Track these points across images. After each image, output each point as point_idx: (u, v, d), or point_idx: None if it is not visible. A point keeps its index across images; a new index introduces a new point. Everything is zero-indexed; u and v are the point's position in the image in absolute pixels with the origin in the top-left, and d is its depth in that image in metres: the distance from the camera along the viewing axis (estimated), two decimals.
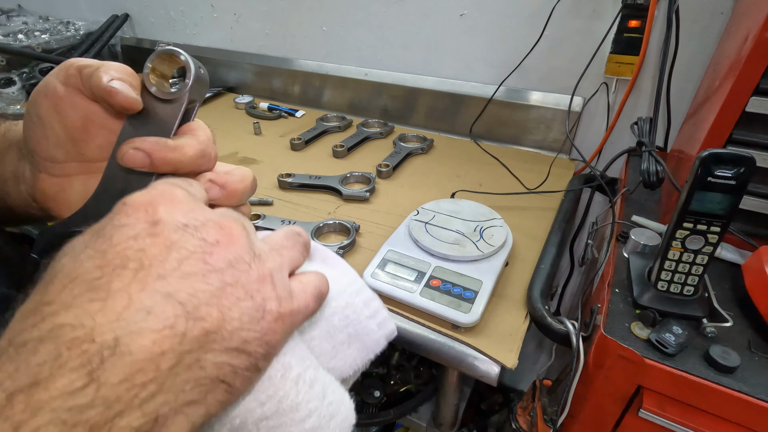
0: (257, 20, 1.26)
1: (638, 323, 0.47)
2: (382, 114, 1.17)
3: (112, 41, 1.48)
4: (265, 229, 0.72)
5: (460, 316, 0.54)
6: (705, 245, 0.44)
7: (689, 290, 0.47)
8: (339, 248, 0.66)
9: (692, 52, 0.79)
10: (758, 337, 0.45)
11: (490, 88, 0.99)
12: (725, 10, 0.74)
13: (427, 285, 0.58)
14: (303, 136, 1.02)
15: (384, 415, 0.80)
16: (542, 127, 0.98)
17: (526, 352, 1.29)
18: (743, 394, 0.40)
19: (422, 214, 0.69)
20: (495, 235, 0.64)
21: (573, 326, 0.51)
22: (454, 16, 0.99)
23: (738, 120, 0.50)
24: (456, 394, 0.74)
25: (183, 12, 1.38)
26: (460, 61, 1.04)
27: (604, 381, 0.47)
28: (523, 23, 0.92)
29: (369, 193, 0.82)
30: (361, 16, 1.10)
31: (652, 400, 0.44)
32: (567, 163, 0.94)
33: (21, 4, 1.65)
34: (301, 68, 1.24)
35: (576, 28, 0.88)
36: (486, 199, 0.77)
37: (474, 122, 1.03)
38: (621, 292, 0.51)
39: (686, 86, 0.80)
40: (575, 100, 0.90)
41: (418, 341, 0.56)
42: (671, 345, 0.43)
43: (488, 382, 0.52)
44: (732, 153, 0.39)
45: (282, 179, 0.85)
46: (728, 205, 0.41)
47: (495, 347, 0.53)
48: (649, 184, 0.62)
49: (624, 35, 0.82)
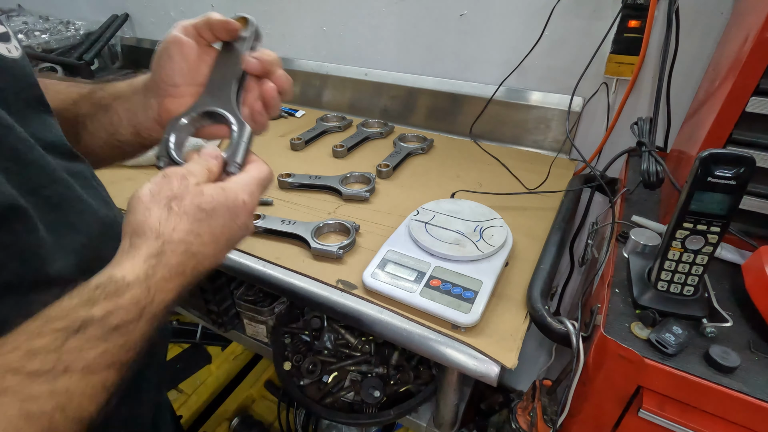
0: (257, 20, 1.26)
1: (638, 323, 0.47)
2: (382, 114, 1.17)
3: (112, 41, 1.48)
4: (265, 228, 0.72)
5: (460, 316, 0.54)
6: (705, 245, 0.44)
7: (689, 290, 0.47)
8: (339, 248, 0.66)
9: (692, 52, 0.79)
10: (758, 337, 0.45)
11: (490, 88, 0.99)
12: (725, 10, 0.74)
13: (427, 285, 0.58)
14: (303, 136, 1.02)
15: (384, 415, 0.80)
16: (542, 127, 0.98)
17: (526, 352, 1.29)
18: (743, 394, 0.39)
19: (422, 214, 0.69)
20: (495, 235, 0.64)
21: (573, 326, 0.51)
22: (454, 16, 0.99)
23: (738, 120, 0.50)
24: (456, 394, 0.73)
25: (183, 12, 1.38)
26: (460, 61, 1.04)
27: (604, 381, 0.47)
28: (523, 23, 0.92)
29: (369, 193, 0.82)
30: (361, 16, 1.10)
31: (652, 400, 0.44)
32: (567, 163, 0.94)
33: (21, 4, 1.65)
34: (301, 68, 1.24)
35: (576, 28, 0.88)
36: (486, 199, 0.77)
37: (474, 122, 1.03)
38: (621, 292, 0.51)
39: (686, 86, 0.80)
40: (575, 100, 0.90)
41: (418, 341, 0.56)
42: (671, 345, 0.43)
43: (488, 382, 0.52)
44: (732, 153, 0.39)
45: (282, 179, 0.85)
46: (728, 205, 0.41)
47: (495, 347, 0.53)
48: (649, 184, 0.62)
49: (624, 35, 0.82)
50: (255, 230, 0.42)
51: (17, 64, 0.37)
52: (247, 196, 0.37)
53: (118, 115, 0.46)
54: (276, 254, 0.69)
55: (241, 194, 0.37)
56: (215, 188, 0.36)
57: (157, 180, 0.35)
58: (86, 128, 0.47)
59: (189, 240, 0.33)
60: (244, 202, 0.37)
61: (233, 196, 0.36)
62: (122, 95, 0.46)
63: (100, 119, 0.46)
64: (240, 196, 0.37)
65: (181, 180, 0.35)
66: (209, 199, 0.35)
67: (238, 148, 0.40)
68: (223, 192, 0.36)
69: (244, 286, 0.96)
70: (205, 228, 0.34)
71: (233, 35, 0.43)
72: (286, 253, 0.69)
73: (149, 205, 0.33)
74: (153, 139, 0.47)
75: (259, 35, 0.45)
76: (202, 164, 0.38)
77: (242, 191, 0.37)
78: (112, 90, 0.47)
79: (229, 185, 0.37)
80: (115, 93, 0.47)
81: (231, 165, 0.40)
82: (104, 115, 0.46)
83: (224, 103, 0.43)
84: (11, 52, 0.36)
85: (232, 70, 0.43)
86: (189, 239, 0.33)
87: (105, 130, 0.46)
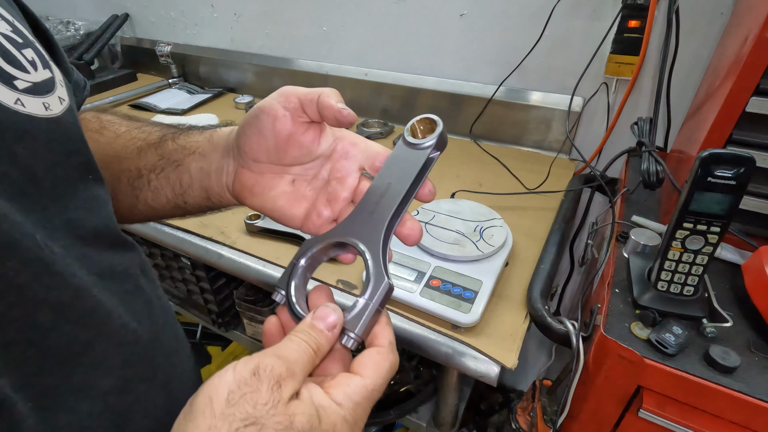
0: (257, 20, 1.26)
1: (638, 323, 0.47)
2: (382, 114, 1.17)
3: (112, 41, 1.48)
4: (265, 228, 0.72)
5: (460, 316, 0.54)
6: (705, 245, 0.44)
7: (689, 290, 0.47)
8: None
9: (692, 52, 0.79)
10: (758, 337, 0.45)
11: (490, 88, 0.99)
12: (725, 10, 0.74)
13: (427, 285, 0.58)
14: None
15: (384, 415, 0.80)
16: (542, 127, 0.98)
17: (526, 352, 1.29)
18: (743, 394, 0.40)
19: (422, 214, 0.69)
20: (495, 235, 0.64)
21: (573, 326, 0.51)
22: (454, 16, 0.99)
23: (738, 120, 0.50)
24: (456, 394, 0.74)
25: (183, 12, 1.38)
26: (460, 61, 1.04)
27: (604, 381, 0.47)
28: (523, 23, 0.92)
29: None
30: (361, 16, 1.10)
31: (652, 400, 0.44)
32: (567, 163, 0.94)
33: None
34: (301, 68, 1.24)
35: (576, 28, 0.88)
36: (486, 199, 0.77)
37: (474, 122, 1.03)
38: (621, 292, 0.51)
39: (686, 86, 0.80)
40: (575, 100, 0.90)
41: (418, 341, 0.56)
42: (671, 345, 0.43)
43: (488, 382, 0.52)
44: (732, 153, 0.39)
45: None
46: (728, 206, 0.41)
47: (495, 347, 0.53)
48: (649, 184, 0.62)
49: (624, 35, 0.82)
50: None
51: (58, 126, 0.28)
52: (349, 426, 0.25)
53: (190, 175, 0.39)
54: (276, 254, 0.69)
55: (340, 425, 0.25)
56: (308, 412, 0.24)
57: (243, 378, 0.24)
58: (149, 185, 0.39)
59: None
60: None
61: (329, 427, 0.25)
62: (198, 151, 0.39)
63: (168, 176, 0.39)
64: (339, 427, 0.25)
65: (272, 392, 0.24)
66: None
67: (363, 314, 0.28)
68: (318, 421, 0.24)
69: (244, 286, 0.96)
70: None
71: (343, 124, 0.33)
72: (286, 253, 0.69)
73: (216, 422, 0.22)
74: (222, 205, 0.40)
75: (443, 139, 0.33)
76: (307, 350, 0.26)
77: (343, 421, 0.25)
78: (186, 142, 0.39)
79: (328, 406, 0.25)
80: (190, 147, 0.39)
81: (346, 335, 0.28)
82: (173, 171, 0.39)
83: (370, 241, 0.31)
84: (50, 108, 0.27)
85: (397, 193, 0.31)
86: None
87: (172, 190, 0.39)
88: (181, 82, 1.45)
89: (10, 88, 0.25)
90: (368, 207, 0.32)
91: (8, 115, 0.24)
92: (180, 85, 1.42)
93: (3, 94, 0.24)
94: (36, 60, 0.28)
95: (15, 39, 0.27)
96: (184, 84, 1.43)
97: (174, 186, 0.39)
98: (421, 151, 0.32)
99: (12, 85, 0.25)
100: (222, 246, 0.72)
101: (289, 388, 0.24)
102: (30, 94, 0.26)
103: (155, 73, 1.52)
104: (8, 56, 0.26)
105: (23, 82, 0.26)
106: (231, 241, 0.72)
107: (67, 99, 0.29)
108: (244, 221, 0.74)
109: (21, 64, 0.26)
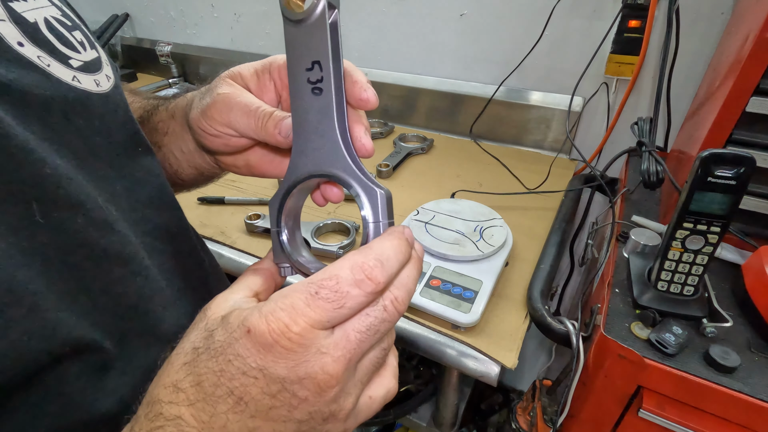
0: (257, 20, 1.26)
1: (638, 323, 0.47)
2: (382, 114, 1.17)
3: (113, 41, 1.48)
4: (265, 228, 0.72)
5: (460, 316, 0.54)
6: (705, 245, 0.44)
7: (689, 290, 0.47)
8: (339, 248, 0.66)
9: (692, 52, 0.79)
10: (758, 337, 0.45)
11: (490, 88, 0.99)
12: (725, 10, 0.75)
13: (427, 285, 0.58)
14: None
15: (384, 415, 0.80)
16: (542, 127, 0.98)
17: (526, 352, 1.29)
18: (743, 394, 0.40)
19: (422, 214, 0.69)
20: (495, 235, 0.64)
21: (573, 326, 0.51)
22: (454, 16, 0.99)
23: (738, 120, 0.50)
24: (456, 394, 0.74)
25: (183, 12, 1.38)
26: (460, 61, 1.04)
27: (604, 381, 0.47)
28: (523, 23, 0.92)
29: None
30: (361, 16, 1.10)
31: (652, 400, 0.44)
32: (567, 163, 0.95)
33: None
34: None
35: (576, 28, 0.88)
36: (486, 199, 0.77)
37: (474, 122, 1.03)
38: (621, 292, 0.51)
39: (686, 86, 0.80)
40: (575, 100, 0.90)
41: (418, 341, 0.56)
42: (671, 345, 0.43)
43: (488, 382, 0.52)
44: (732, 153, 0.39)
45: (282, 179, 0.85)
46: (728, 205, 0.41)
47: (495, 347, 0.53)
48: (649, 184, 0.62)
49: (624, 35, 0.82)
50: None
51: (108, 101, 0.29)
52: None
53: (174, 156, 0.39)
54: None
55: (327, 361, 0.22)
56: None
57: (270, 308, 0.21)
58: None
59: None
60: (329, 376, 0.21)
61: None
62: (169, 131, 0.38)
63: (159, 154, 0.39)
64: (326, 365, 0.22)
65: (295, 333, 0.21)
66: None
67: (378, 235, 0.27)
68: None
69: None
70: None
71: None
72: None
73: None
74: (220, 174, 0.41)
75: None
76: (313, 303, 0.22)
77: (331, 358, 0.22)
78: (156, 123, 0.39)
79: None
80: (161, 128, 0.39)
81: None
82: (158, 153, 0.39)
83: (335, 160, 0.27)
84: (100, 84, 0.29)
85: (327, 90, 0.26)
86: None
87: (165, 171, 0.38)
88: (181, 82, 1.45)
89: (66, 66, 0.27)
90: (309, 127, 0.27)
91: (68, 90, 0.26)
92: (180, 84, 1.42)
93: (61, 72, 0.26)
94: (84, 41, 0.29)
95: (65, 22, 0.28)
96: (184, 84, 1.43)
97: (165, 167, 0.39)
98: (315, 22, 0.24)
99: (68, 64, 0.27)
100: (222, 246, 0.72)
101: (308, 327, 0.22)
102: (83, 72, 0.28)
103: (155, 72, 1.52)
104: (62, 38, 0.27)
105: (76, 61, 0.28)
106: (231, 241, 0.72)
107: (113, 77, 0.31)
108: (244, 221, 0.74)
109: (73, 45, 0.28)
